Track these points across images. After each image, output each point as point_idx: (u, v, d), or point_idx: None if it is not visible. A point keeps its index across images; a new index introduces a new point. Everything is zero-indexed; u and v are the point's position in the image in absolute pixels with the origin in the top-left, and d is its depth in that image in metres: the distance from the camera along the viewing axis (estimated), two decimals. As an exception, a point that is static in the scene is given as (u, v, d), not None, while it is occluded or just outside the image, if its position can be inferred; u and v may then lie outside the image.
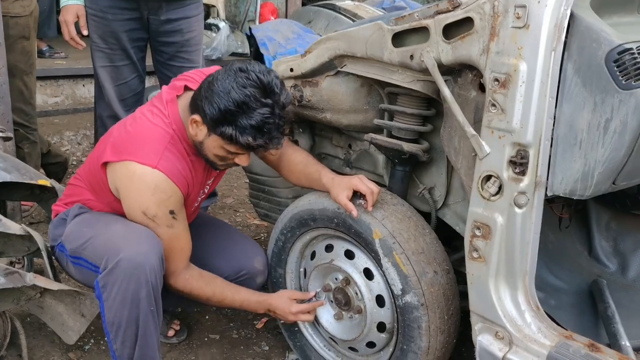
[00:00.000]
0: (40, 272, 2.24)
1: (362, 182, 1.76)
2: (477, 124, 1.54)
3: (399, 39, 1.67)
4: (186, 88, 1.81)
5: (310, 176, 1.91)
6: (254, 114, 1.59)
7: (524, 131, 1.41)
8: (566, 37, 1.36)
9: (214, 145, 1.70)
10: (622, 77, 1.32)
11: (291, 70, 1.99)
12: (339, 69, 1.88)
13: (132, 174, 1.69)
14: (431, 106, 1.83)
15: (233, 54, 5.38)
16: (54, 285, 1.76)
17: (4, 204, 2.37)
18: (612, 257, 2.09)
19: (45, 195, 2.30)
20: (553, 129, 1.41)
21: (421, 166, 1.92)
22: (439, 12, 1.57)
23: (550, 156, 1.42)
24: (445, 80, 1.61)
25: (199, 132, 1.69)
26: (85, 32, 2.57)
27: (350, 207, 1.74)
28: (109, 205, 1.84)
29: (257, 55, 4.64)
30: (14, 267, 2.07)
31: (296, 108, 2.05)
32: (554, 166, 1.43)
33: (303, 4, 5.97)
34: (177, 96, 1.80)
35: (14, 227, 1.84)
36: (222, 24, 5.28)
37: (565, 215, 2.01)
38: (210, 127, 1.65)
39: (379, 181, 2.03)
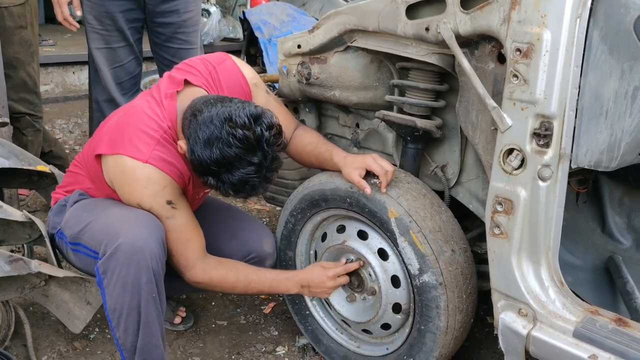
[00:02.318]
0: (42, 260, 2.19)
1: (376, 162, 1.71)
2: (495, 97, 1.50)
3: (413, 11, 1.62)
4: (187, 82, 1.73)
5: (320, 156, 1.86)
6: (237, 173, 1.51)
7: (547, 102, 1.36)
8: (592, 3, 1.32)
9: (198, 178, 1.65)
10: (651, 43, 1.28)
11: (299, 47, 1.93)
12: (348, 44, 1.82)
13: (123, 168, 1.65)
14: (444, 81, 1.78)
15: (225, 39, 5.29)
16: (60, 272, 1.70)
17: (1, 191, 2.30)
18: (625, 233, 2.06)
19: (43, 182, 2.24)
20: (578, 99, 1.37)
21: (433, 144, 1.88)
22: (456, -19, 1.52)
23: (575, 127, 1.38)
24: (463, 53, 1.56)
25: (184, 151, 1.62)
26: (79, 13, 2.49)
27: (363, 184, 1.69)
28: (108, 195, 1.78)
29: (251, 39, 4.58)
30: (15, 255, 2.01)
31: (304, 86, 1.99)
32: (579, 137, 1.39)
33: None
34: (178, 92, 1.72)
35: (15, 214, 1.78)
36: (213, 9, 5.19)
37: (584, 190, 1.98)
38: (194, 168, 1.59)
39: (389, 160, 1.99)
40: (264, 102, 1.79)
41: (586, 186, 1.98)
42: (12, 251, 2.09)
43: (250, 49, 4.83)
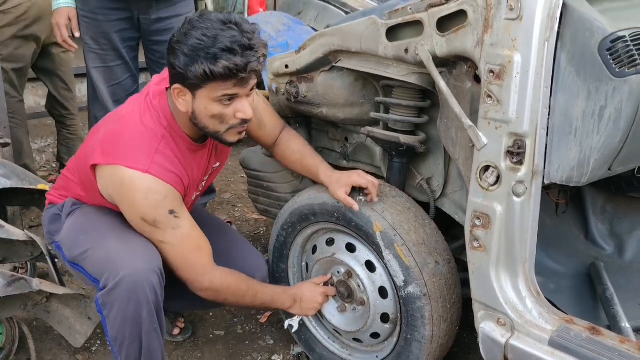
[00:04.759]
0: (45, 275, 2.27)
1: (361, 177, 1.78)
2: (473, 115, 1.56)
3: (393, 33, 1.68)
4: None
5: (306, 169, 1.94)
6: (220, 39, 1.49)
7: (520, 121, 1.43)
8: (559, 27, 1.38)
9: (205, 105, 1.58)
10: (615, 65, 1.34)
11: (286, 66, 2.00)
12: (333, 64, 1.89)
13: (121, 179, 1.62)
14: (426, 97, 1.84)
15: (223, 48, 5.34)
16: (60, 290, 1.77)
17: (4, 209, 2.38)
18: (608, 240, 2.12)
19: (44, 200, 2.31)
20: (548, 118, 1.43)
21: (418, 157, 1.94)
22: (432, 5, 1.58)
23: (546, 145, 1.44)
24: (440, 72, 1.63)
25: (187, 101, 1.60)
26: (77, 34, 2.57)
27: (350, 202, 1.76)
28: (100, 204, 1.79)
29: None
30: (17, 272, 2.09)
31: (292, 104, 2.06)
32: (551, 155, 1.45)
33: (291, -6, 5.94)
34: (167, 89, 1.71)
35: (17, 234, 1.86)
36: (211, 18, 5.24)
37: (562, 201, 2.04)
38: (187, 79, 1.54)
39: (376, 173, 2.05)
40: (255, 102, 1.80)
41: (565, 197, 2.04)
42: (15, 267, 2.17)
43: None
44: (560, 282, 1.91)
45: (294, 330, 2.03)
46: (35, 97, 4.40)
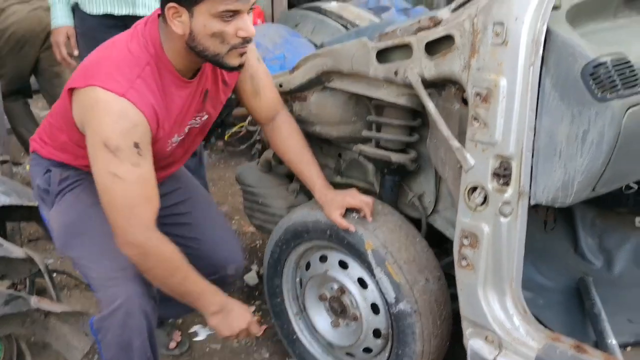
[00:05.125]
0: (43, 290, 2.30)
1: (355, 198, 1.80)
2: (461, 135, 1.59)
3: (383, 55, 1.72)
4: None
5: (301, 176, 1.91)
6: None
7: (506, 144, 1.46)
8: (544, 52, 1.42)
9: (204, 23, 1.47)
10: (597, 89, 1.38)
11: (280, 85, 2.03)
12: (326, 84, 1.93)
13: (95, 100, 1.49)
14: (417, 116, 1.88)
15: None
16: (58, 308, 1.80)
17: (4, 224, 2.42)
18: (597, 254, 2.15)
19: (43, 215, 2.35)
20: (534, 141, 1.47)
21: (410, 174, 1.98)
22: (420, 29, 1.62)
23: (532, 167, 1.48)
24: (430, 94, 1.67)
25: (184, 22, 1.49)
26: (75, 53, 2.61)
27: (344, 225, 1.78)
28: (80, 149, 1.63)
29: (245, 61, 4.67)
30: (16, 288, 2.12)
31: (286, 122, 2.10)
32: (536, 176, 1.49)
33: (290, 5, 5.99)
34: (159, 15, 1.57)
35: (16, 251, 1.89)
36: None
37: (550, 219, 2.07)
38: None
39: (370, 189, 2.09)
40: (255, 67, 1.79)
41: (553, 214, 2.07)
42: (14, 283, 2.20)
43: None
44: (549, 297, 1.94)
45: (197, 338, 1.89)
46: (34, 109, 4.44)
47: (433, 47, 1.60)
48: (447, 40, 1.56)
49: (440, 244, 2.02)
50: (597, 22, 1.78)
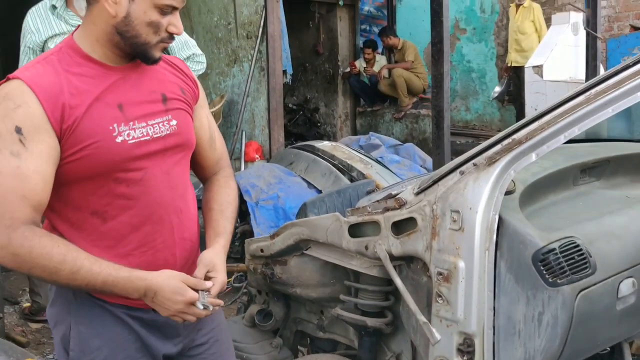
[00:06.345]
0: None
1: (218, 273, 1.51)
2: (429, 307, 1.68)
3: (354, 229, 1.84)
4: None
5: (208, 225, 1.65)
6: None
7: (467, 322, 1.54)
8: (497, 238, 1.54)
9: (144, 10, 1.43)
10: (548, 275, 1.48)
11: (261, 250, 2.15)
12: (304, 251, 2.04)
13: None
14: (391, 282, 1.97)
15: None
16: None
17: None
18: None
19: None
20: (494, 320, 1.55)
21: (388, 334, 2.04)
22: (387, 209, 1.76)
23: (494, 345, 1.55)
24: (400, 265, 1.77)
25: (119, 3, 1.41)
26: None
27: (191, 281, 1.47)
28: None
29: (241, 201, 4.86)
30: None
31: (269, 283, 2.19)
32: (499, 354, 1.55)
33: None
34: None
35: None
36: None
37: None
38: None
39: (351, 345, 2.14)
40: (212, 120, 1.74)
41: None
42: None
43: (241, 205, 5.13)
44: None
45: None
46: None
47: (399, 226, 1.72)
48: (411, 222, 1.68)
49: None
50: (556, 193, 1.93)
